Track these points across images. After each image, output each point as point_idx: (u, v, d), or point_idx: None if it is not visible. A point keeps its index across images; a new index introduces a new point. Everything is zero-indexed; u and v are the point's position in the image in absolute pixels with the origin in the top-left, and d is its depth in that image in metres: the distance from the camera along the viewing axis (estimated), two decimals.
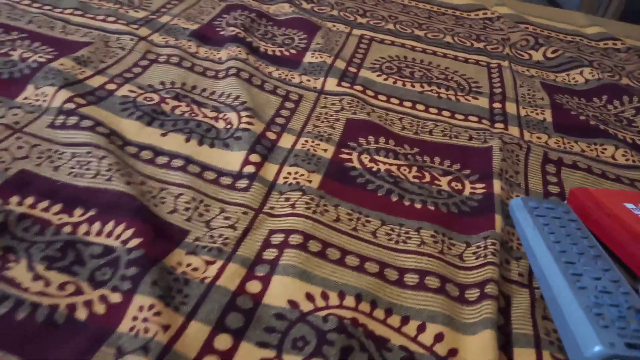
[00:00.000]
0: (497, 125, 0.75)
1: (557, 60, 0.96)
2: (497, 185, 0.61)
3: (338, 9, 1.05)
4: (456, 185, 0.62)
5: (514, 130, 0.74)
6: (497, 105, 0.80)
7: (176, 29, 0.86)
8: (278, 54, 0.85)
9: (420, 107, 0.76)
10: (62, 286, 0.42)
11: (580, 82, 0.90)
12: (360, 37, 0.95)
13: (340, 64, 0.83)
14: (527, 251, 0.53)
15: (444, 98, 0.79)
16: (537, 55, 0.99)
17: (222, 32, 0.87)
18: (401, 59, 0.89)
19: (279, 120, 0.69)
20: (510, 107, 0.80)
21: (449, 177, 0.63)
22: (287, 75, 0.79)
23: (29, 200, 0.50)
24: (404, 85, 0.81)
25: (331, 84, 0.78)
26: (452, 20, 1.09)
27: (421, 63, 0.89)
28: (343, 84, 0.78)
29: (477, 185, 0.62)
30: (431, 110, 0.76)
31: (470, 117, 0.76)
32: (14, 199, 0.49)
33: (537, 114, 0.79)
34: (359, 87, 0.78)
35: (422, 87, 0.81)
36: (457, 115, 0.76)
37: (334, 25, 0.97)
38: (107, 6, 0.88)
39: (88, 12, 0.85)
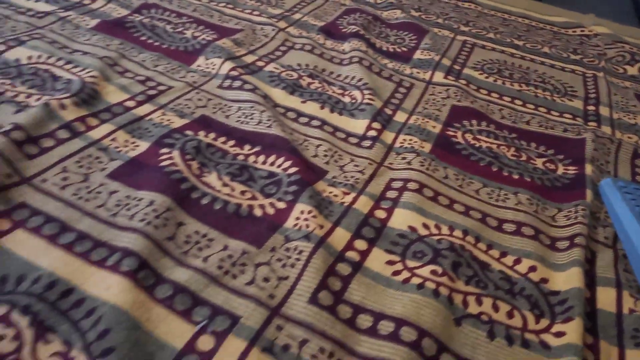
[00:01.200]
0: (590, 123, 0.83)
1: None
2: (588, 168, 0.69)
3: (443, 17, 1.16)
4: (550, 166, 0.71)
5: (606, 129, 0.81)
6: (591, 107, 0.87)
7: (307, 25, 1.01)
8: (391, 50, 0.98)
9: (519, 102, 0.86)
10: (242, 192, 0.57)
11: None
12: (464, 42, 1.05)
13: (446, 62, 0.95)
14: (614, 221, 0.61)
15: (541, 97, 0.88)
16: (632, 70, 1.04)
17: (344, 30, 1.01)
18: (501, 62, 0.99)
19: (394, 100, 0.81)
20: (604, 110, 0.87)
21: (544, 159, 0.72)
22: (399, 67, 0.91)
23: (212, 135, 0.65)
24: (503, 83, 0.91)
25: (438, 77, 0.89)
26: (549, 34, 1.17)
27: (519, 67, 0.98)
28: (449, 77, 0.90)
29: (570, 168, 0.71)
30: (528, 105, 0.85)
31: (565, 115, 0.84)
32: (201, 133, 0.65)
33: (630, 118, 0.86)
34: (463, 81, 0.89)
35: (521, 86, 0.91)
36: (552, 112, 0.84)
37: (440, 31, 1.09)
38: (250, 3, 1.06)
39: (237, 7, 1.03)
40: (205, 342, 0.42)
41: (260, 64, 0.84)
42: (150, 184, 0.55)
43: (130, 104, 0.68)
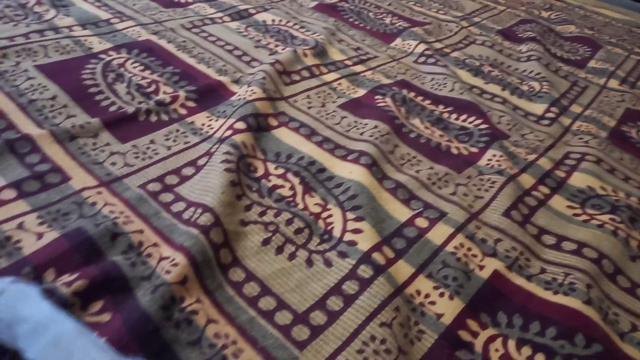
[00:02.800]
0: None
1: None
2: None
3: (616, 38, 1.20)
4: None
5: None
6: None
7: (486, 27, 1.12)
8: (565, 57, 1.05)
9: None
10: (440, 135, 0.69)
11: None
12: (637, 61, 1.08)
13: (621, 73, 0.99)
14: None
15: None
16: None
17: (520, 35, 1.10)
18: None
19: (569, 95, 0.88)
20: None
21: None
22: (574, 71, 0.98)
23: (412, 93, 0.79)
24: None
25: (613, 84, 0.94)
26: None
27: None
28: (624, 85, 0.94)
29: None
30: None
31: None
32: (404, 90, 0.79)
33: None
34: (638, 91, 0.93)
35: None
36: None
37: (613, 48, 1.13)
38: (435, 5, 1.20)
39: (424, 6, 1.18)
40: (421, 222, 0.54)
41: (447, 50, 0.97)
42: (372, 115, 0.70)
43: (348, 62, 0.85)
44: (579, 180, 0.65)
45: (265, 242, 0.49)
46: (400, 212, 0.55)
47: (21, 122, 0.58)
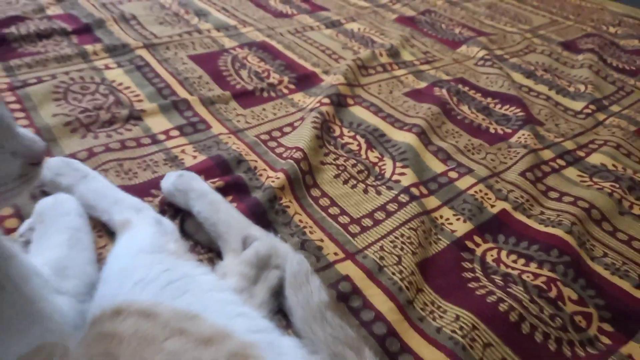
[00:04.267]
0: None
1: None
2: None
3: None
4: None
5: None
6: None
7: (549, 38, 1.26)
8: (620, 67, 1.15)
9: None
10: (483, 119, 0.87)
11: None
12: None
13: None
14: None
15: None
16: None
17: (581, 47, 1.23)
18: None
19: (612, 98, 1.01)
20: None
21: None
22: (624, 78, 1.09)
23: (466, 88, 0.97)
24: None
25: None
26: None
27: None
28: None
29: None
30: None
31: None
32: (460, 85, 0.97)
33: None
34: None
35: None
36: None
37: None
38: (504, 19, 1.36)
39: (494, 19, 1.34)
40: (452, 174, 0.73)
41: (506, 56, 1.13)
42: (428, 100, 0.89)
43: (416, 62, 1.05)
44: (595, 158, 0.79)
45: (336, 176, 0.71)
46: (437, 167, 0.74)
47: (180, 90, 0.86)
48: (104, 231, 0.56)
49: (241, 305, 0.45)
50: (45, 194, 0.57)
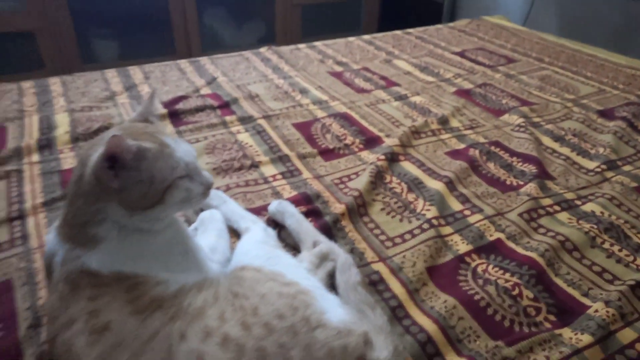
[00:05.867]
0: None
1: None
2: None
3: None
4: None
5: None
6: None
7: (589, 107, 1.49)
8: None
9: None
10: (503, 174, 1.14)
11: None
12: None
13: None
14: None
15: None
16: None
17: (617, 115, 1.43)
18: None
19: (629, 159, 1.21)
20: None
21: None
22: None
23: (497, 148, 1.25)
24: None
25: None
26: None
27: None
28: None
29: None
30: None
31: None
32: (492, 146, 1.25)
33: None
34: None
35: None
36: None
37: None
38: (553, 90, 1.60)
39: (542, 90, 1.59)
40: (466, 212, 1.01)
41: (542, 123, 1.38)
42: (462, 158, 1.19)
43: (461, 128, 1.35)
44: (588, 207, 1.02)
45: (382, 209, 1.03)
46: (456, 207, 1.03)
47: (284, 148, 1.25)
48: (233, 233, 0.94)
49: (308, 275, 0.79)
50: (201, 210, 0.98)
